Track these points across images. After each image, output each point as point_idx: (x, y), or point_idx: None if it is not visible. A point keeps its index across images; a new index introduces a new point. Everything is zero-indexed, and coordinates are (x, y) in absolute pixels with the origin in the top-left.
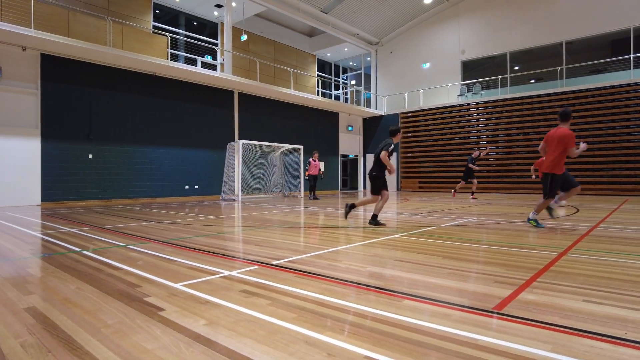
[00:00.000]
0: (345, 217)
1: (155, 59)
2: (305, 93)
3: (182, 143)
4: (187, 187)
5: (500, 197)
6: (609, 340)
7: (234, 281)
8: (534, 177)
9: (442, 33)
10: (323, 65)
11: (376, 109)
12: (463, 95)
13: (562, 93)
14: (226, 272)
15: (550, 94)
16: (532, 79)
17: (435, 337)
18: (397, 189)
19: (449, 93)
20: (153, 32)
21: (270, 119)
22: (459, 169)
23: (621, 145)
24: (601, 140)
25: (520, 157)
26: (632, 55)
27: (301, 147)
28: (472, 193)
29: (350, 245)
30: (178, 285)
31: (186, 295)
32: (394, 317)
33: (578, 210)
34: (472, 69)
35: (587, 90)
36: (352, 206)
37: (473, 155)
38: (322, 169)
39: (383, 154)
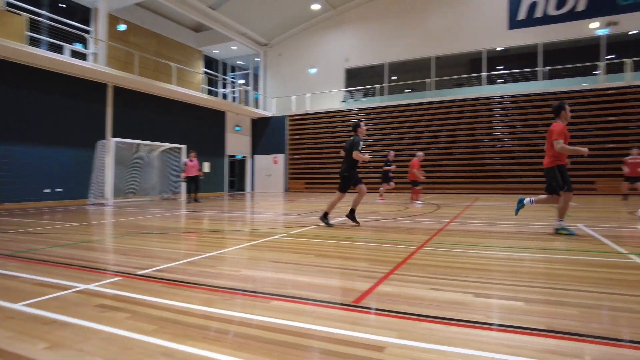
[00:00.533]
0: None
1: (7, 41)
2: (190, 90)
3: (42, 140)
4: (47, 190)
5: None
6: (443, 322)
7: (90, 295)
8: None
9: (328, 40)
10: (210, 62)
11: (265, 110)
12: (346, 101)
13: (430, 103)
14: (81, 286)
15: (421, 103)
16: (406, 89)
17: (296, 335)
18: (285, 190)
19: (333, 98)
20: (6, 9)
21: (151, 116)
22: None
23: (476, 150)
24: (460, 146)
25: (398, 159)
26: (484, 74)
27: (182, 146)
28: (381, 195)
29: (227, 250)
30: (18, 306)
31: (27, 317)
32: (260, 320)
33: (439, 207)
34: (355, 77)
35: (451, 101)
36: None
37: (389, 158)
38: (205, 170)
39: (355, 154)
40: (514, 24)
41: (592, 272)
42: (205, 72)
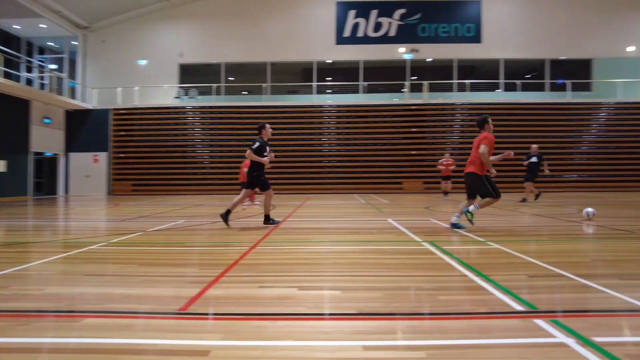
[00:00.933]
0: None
1: None
2: None
3: None
4: None
5: (212, 198)
6: (271, 317)
7: None
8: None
9: (161, 32)
10: (9, 39)
11: (84, 101)
12: (180, 97)
13: (266, 107)
14: None
15: (257, 106)
16: (243, 91)
17: (112, 353)
18: (108, 193)
19: (165, 94)
20: None
21: None
22: (177, 171)
23: (308, 153)
24: (293, 149)
25: (233, 161)
26: (315, 83)
27: None
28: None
29: (28, 265)
30: None
31: None
32: (69, 342)
33: (274, 207)
34: (190, 73)
35: (285, 107)
36: (227, 212)
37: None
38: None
39: (248, 152)
40: (341, 40)
41: (396, 259)
42: (1, 50)
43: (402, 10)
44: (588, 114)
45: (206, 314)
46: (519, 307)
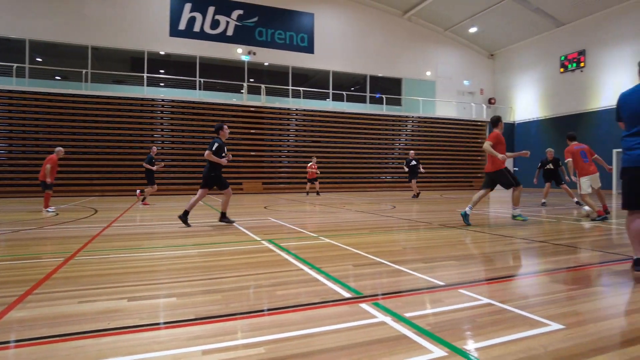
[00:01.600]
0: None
1: None
2: None
3: None
4: None
5: (9, 202)
6: (94, 335)
7: None
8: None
9: None
10: None
11: None
12: None
13: (87, 96)
14: None
15: (75, 95)
16: (57, 76)
17: None
18: None
19: None
20: None
21: None
22: None
23: (136, 150)
24: (122, 145)
25: (36, 157)
26: (145, 75)
27: None
28: (144, 198)
29: None
30: None
31: None
32: None
33: (96, 212)
34: None
35: (109, 97)
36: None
37: (152, 153)
38: None
39: (207, 153)
40: (175, 32)
41: (235, 260)
42: None
43: (240, 11)
44: (399, 124)
45: (7, 342)
46: (347, 295)
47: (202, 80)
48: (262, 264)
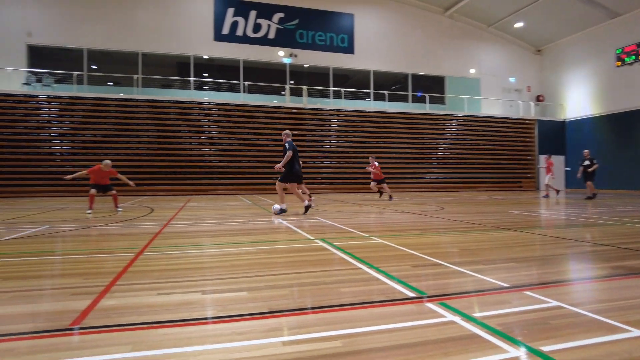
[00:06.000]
0: None
1: None
2: None
3: None
4: None
5: (76, 201)
6: (179, 324)
7: None
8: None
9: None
10: None
11: None
12: (30, 84)
13: (138, 100)
14: None
15: (127, 99)
16: (110, 82)
17: None
18: None
19: (10, 78)
20: None
21: None
22: (30, 169)
23: (186, 152)
24: (169, 147)
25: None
26: (192, 79)
27: None
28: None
29: None
30: None
31: None
32: None
33: (152, 210)
34: (43, 57)
35: (159, 101)
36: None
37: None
38: None
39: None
40: (219, 36)
41: (293, 257)
42: None
43: (281, 14)
44: (442, 124)
45: (105, 327)
46: (411, 294)
47: (246, 83)
48: (320, 262)
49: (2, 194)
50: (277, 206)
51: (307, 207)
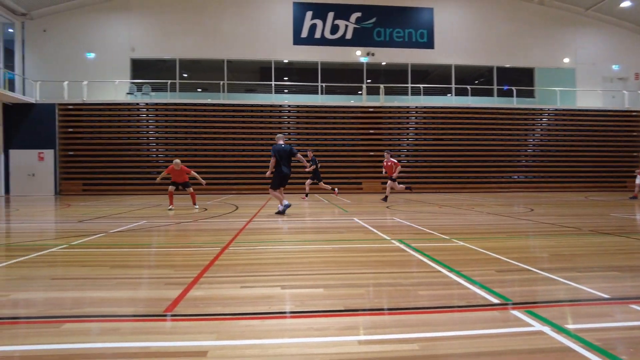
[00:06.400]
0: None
1: None
2: None
3: None
4: None
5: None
6: (259, 316)
7: None
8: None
9: (111, 24)
10: None
11: (25, 94)
12: (133, 94)
13: (223, 105)
14: None
15: (214, 104)
16: (199, 88)
17: (101, 357)
18: (56, 193)
19: (117, 89)
20: None
21: None
22: (131, 170)
23: (267, 153)
24: (255, 149)
25: (189, 160)
26: (273, 83)
27: None
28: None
29: None
30: None
31: None
32: (49, 348)
33: (237, 208)
34: (143, 69)
35: (243, 105)
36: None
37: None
38: None
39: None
40: (298, 40)
41: (369, 257)
42: None
43: (358, 14)
44: (532, 119)
45: (194, 315)
46: (494, 300)
47: (323, 84)
48: (397, 263)
49: (112, 192)
50: (279, 206)
51: (281, 213)
